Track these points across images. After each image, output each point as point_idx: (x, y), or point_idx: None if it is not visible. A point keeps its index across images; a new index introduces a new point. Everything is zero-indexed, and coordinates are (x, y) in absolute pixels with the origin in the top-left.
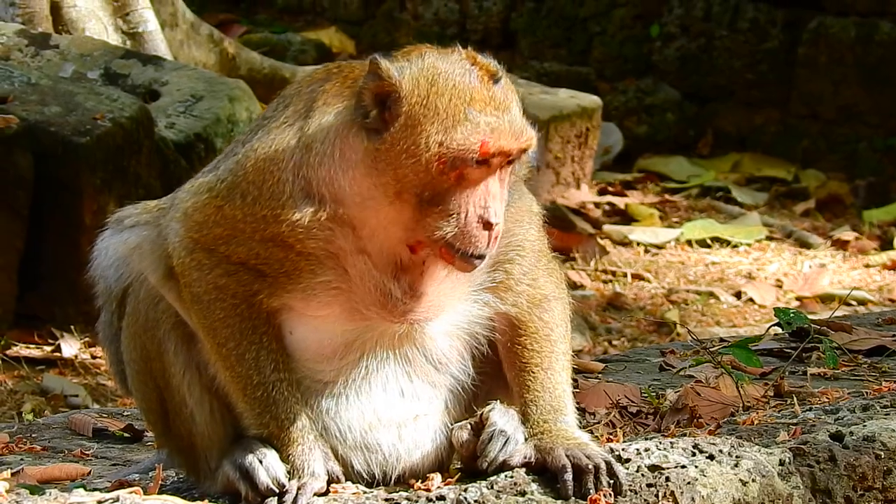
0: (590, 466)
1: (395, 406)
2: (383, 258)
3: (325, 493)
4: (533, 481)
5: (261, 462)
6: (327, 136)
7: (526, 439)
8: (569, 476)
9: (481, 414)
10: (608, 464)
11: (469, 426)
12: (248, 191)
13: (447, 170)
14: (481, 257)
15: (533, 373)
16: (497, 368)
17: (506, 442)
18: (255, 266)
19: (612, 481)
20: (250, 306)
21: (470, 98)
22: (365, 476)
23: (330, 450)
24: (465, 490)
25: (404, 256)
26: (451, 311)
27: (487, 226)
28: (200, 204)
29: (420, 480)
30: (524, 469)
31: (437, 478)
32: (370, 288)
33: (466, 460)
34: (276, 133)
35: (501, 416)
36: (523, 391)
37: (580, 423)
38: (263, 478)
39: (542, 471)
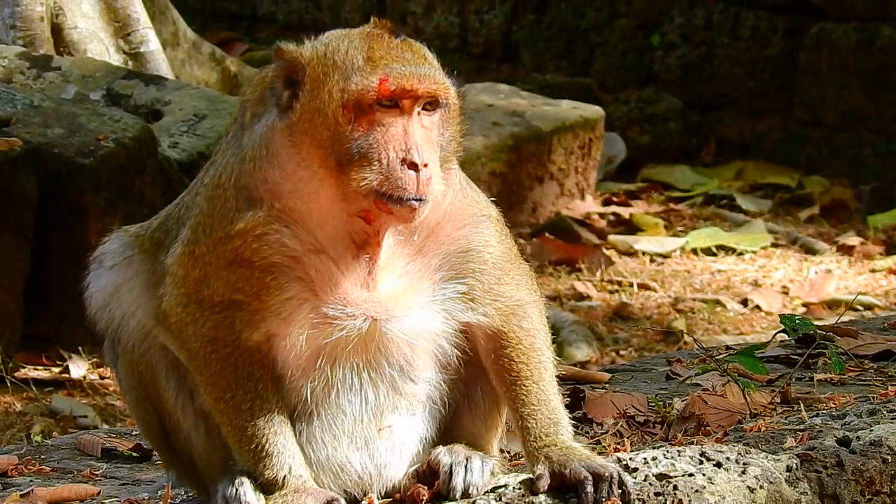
0: (606, 476)
1: (362, 419)
2: (338, 242)
3: None
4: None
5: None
6: (257, 139)
7: (529, 452)
8: (590, 488)
9: (429, 461)
10: (619, 474)
11: (417, 475)
12: (206, 223)
13: (355, 116)
14: (418, 201)
15: (525, 387)
16: (466, 381)
17: (466, 466)
18: (231, 298)
19: (621, 491)
20: (242, 353)
21: (367, 47)
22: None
23: (327, 492)
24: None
25: (359, 229)
26: (415, 318)
27: (413, 167)
28: (177, 256)
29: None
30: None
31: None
32: (331, 287)
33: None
34: (218, 161)
35: (448, 455)
36: (518, 406)
37: (588, 433)
38: None
39: (560, 483)
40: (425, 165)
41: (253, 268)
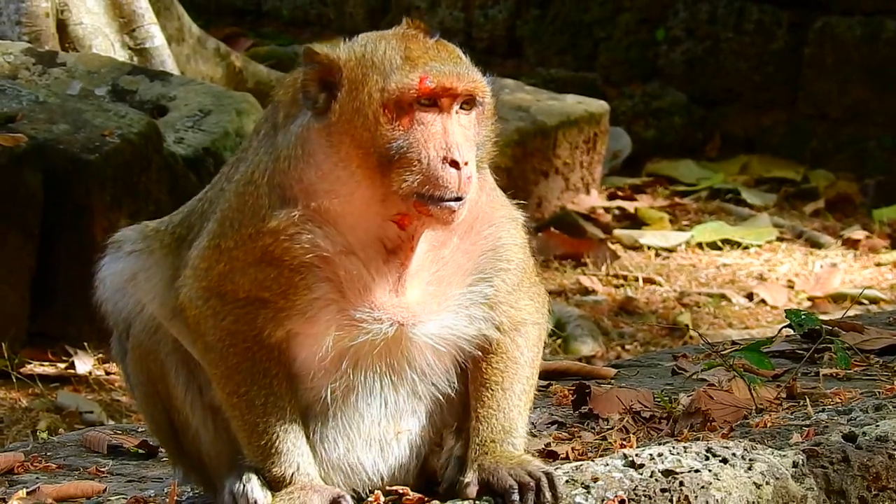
0: (531, 484)
1: (379, 422)
2: (370, 246)
3: None
4: None
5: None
6: (292, 139)
7: (471, 460)
8: (516, 497)
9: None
10: (548, 475)
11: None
12: (235, 217)
13: (396, 116)
14: (458, 200)
15: (490, 390)
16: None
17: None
18: (256, 295)
19: (552, 493)
20: (261, 348)
21: (405, 47)
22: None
23: (333, 489)
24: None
25: (392, 235)
26: (441, 322)
27: (454, 165)
28: (202, 250)
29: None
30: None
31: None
32: (360, 290)
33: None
34: (251, 157)
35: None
36: (478, 406)
37: (593, 429)
38: None
39: (488, 492)
40: (465, 164)
41: (282, 267)
